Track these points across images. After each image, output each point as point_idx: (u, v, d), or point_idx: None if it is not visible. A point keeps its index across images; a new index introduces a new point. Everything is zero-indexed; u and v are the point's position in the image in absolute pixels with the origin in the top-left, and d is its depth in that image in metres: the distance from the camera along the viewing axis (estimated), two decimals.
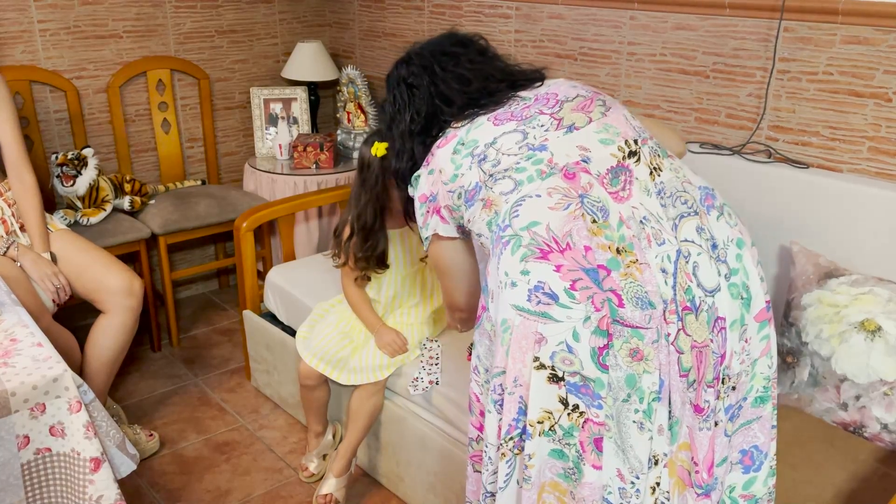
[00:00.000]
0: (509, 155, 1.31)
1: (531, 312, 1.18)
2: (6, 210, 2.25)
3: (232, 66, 3.31)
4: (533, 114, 1.36)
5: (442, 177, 1.37)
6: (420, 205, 1.42)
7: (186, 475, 2.30)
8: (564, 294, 1.16)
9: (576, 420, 1.18)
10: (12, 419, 1.33)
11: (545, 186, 1.26)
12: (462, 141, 1.36)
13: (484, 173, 1.32)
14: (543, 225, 1.22)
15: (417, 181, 1.42)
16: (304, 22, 3.48)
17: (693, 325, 1.23)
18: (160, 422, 2.55)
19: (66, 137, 2.94)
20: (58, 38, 2.86)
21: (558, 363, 1.17)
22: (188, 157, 3.28)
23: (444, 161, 1.36)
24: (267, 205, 2.70)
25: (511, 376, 1.21)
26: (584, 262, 1.18)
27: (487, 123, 1.37)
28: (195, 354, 2.97)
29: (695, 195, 1.33)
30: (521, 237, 1.22)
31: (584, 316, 1.16)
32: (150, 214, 2.87)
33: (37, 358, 1.40)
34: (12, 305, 1.61)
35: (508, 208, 1.26)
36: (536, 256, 1.20)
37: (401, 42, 3.23)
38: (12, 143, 2.24)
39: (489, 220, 1.30)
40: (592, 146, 1.31)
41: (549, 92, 1.41)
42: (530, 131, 1.34)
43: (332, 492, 2.09)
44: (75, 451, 1.39)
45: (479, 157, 1.33)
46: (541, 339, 1.17)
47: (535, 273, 1.19)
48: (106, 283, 2.25)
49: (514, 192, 1.27)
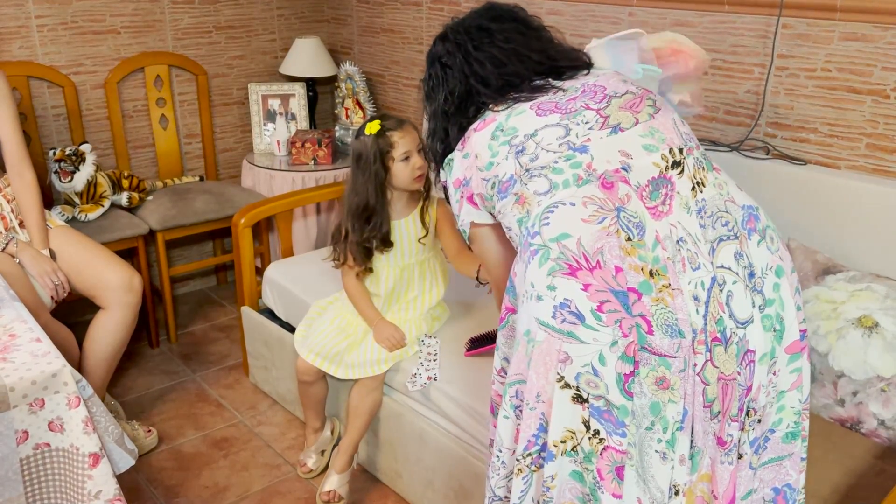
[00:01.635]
0: (548, 151, 1.24)
1: (556, 330, 1.13)
2: (5, 206, 2.24)
3: (230, 62, 3.31)
4: (578, 107, 1.29)
5: (477, 162, 1.31)
6: (454, 190, 1.36)
7: (184, 471, 2.30)
8: (591, 315, 1.11)
9: (595, 446, 1.14)
10: (11, 414, 1.33)
11: (581, 195, 1.19)
12: (501, 127, 1.29)
13: (520, 166, 1.25)
14: (574, 238, 1.15)
15: (451, 165, 1.36)
16: (302, 18, 3.47)
17: (721, 358, 1.17)
18: (158, 418, 2.55)
19: (64, 133, 2.93)
20: (55, 33, 2.85)
21: (583, 384, 1.12)
22: (186, 153, 3.27)
23: (480, 146, 1.30)
24: (265, 201, 2.70)
25: (533, 391, 1.16)
26: (614, 284, 1.12)
27: (529, 112, 1.30)
28: (193, 351, 2.97)
29: (737, 216, 1.25)
30: (550, 249, 1.16)
31: (612, 340, 1.11)
32: (147, 210, 2.87)
33: (35, 353, 1.40)
34: (11, 301, 1.61)
35: (540, 212, 1.20)
36: (564, 272, 1.14)
37: (399, 38, 3.23)
38: (12, 139, 2.23)
39: (520, 218, 1.24)
40: (635, 152, 1.24)
41: (598, 84, 1.33)
42: (573, 128, 1.26)
43: (335, 488, 2.10)
44: (74, 447, 1.39)
45: (518, 147, 1.27)
46: (566, 359, 1.12)
47: (561, 289, 1.13)
48: (105, 280, 2.25)
49: (548, 196, 1.21)
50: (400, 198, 2.04)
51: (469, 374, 1.97)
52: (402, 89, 3.31)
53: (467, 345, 2.06)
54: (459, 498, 1.95)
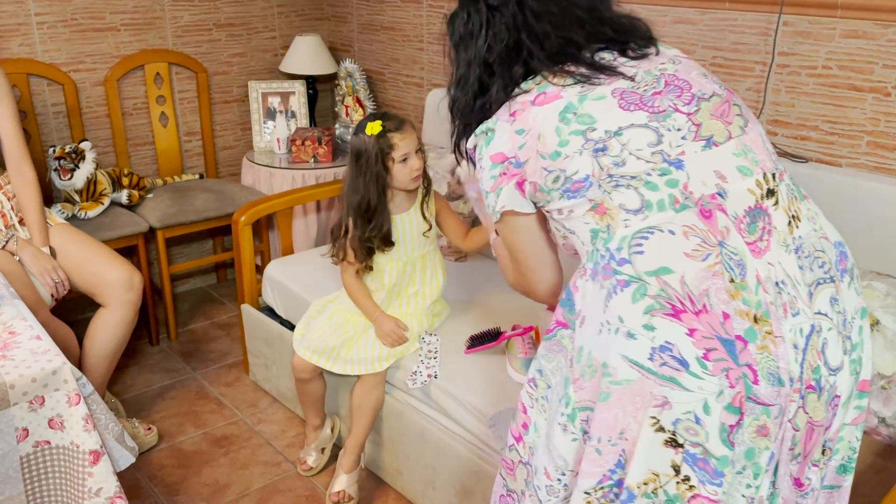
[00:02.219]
0: (639, 159, 1.09)
1: (653, 373, 1.03)
2: (5, 204, 2.24)
3: (230, 59, 3.30)
4: (667, 107, 1.12)
5: (539, 145, 1.13)
6: (491, 165, 1.17)
7: (185, 469, 2.30)
8: (696, 363, 1.01)
9: (683, 492, 1.05)
10: (11, 412, 1.33)
11: (679, 222, 1.06)
12: (573, 109, 1.11)
13: (601, 168, 1.09)
14: (677, 276, 1.04)
15: (491, 135, 1.17)
16: (302, 15, 3.47)
17: (813, 405, 1.11)
18: (158, 416, 2.55)
19: (64, 131, 2.93)
20: (55, 30, 2.85)
21: (681, 431, 1.03)
22: (186, 151, 3.27)
23: (545, 126, 1.12)
24: (265, 199, 2.70)
25: (616, 427, 1.07)
26: (721, 331, 1.02)
27: (611, 100, 1.12)
28: (193, 348, 2.97)
29: (831, 256, 1.14)
30: (648, 285, 1.04)
31: (718, 390, 1.01)
32: (147, 208, 2.86)
33: (36, 351, 1.40)
34: (11, 299, 1.61)
35: (629, 236, 1.07)
36: (666, 313, 1.03)
37: (399, 36, 3.22)
38: (12, 136, 2.23)
39: (595, 230, 1.11)
40: (730, 175, 1.10)
41: (679, 77, 1.16)
42: (665, 134, 1.10)
43: (344, 488, 2.10)
44: (74, 444, 1.39)
45: (598, 144, 1.10)
46: (664, 403, 1.03)
47: (662, 331, 1.02)
48: (106, 277, 2.24)
49: (639, 216, 1.07)
50: (399, 193, 2.04)
51: (469, 372, 1.97)
52: (402, 87, 3.30)
53: (467, 342, 2.06)
54: (460, 496, 1.95)
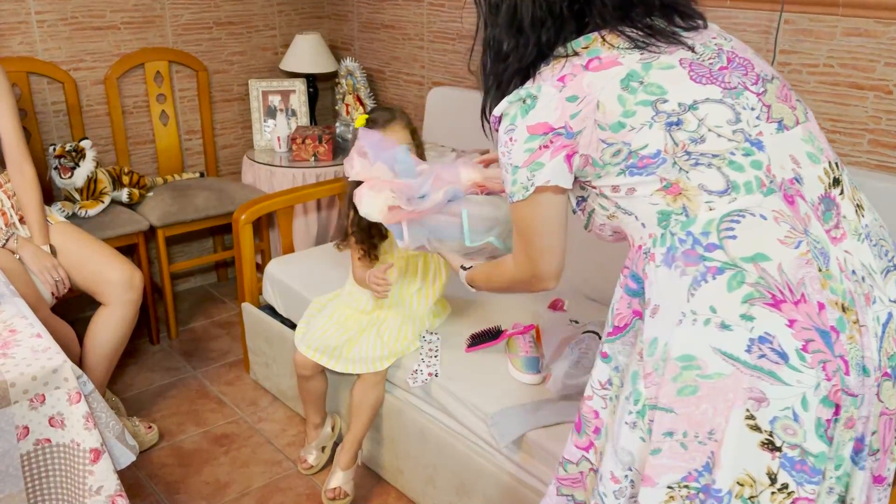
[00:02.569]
0: (720, 136, 1.02)
1: (750, 366, 0.97)
2: (6, 202, 2.24)
3: (230, 58, 3.30)
4: (737, 84, 1.06)
5: (598, 115, 1.03)
6: (528, 136, 1.07)
7: (185, 467, 2.30)
8: (796, 355, 0.97)
9: (781, 501, 1.01)
10: (12, 410, 1.33)
11: (769, 206, 1.01)
12: (637, 77, 1.03)
13: (675, 144, 1.02)
14: (774, 263, 0.99)
15: (532, 102, 1.06)
16: (302, 14, 3.47)
17: (888, 393, 1.08)
18: (159, 414, 2.55)
19: (64, 129, 2.93)
20: (55, 29, 2.84)
21: (779, 430, 0.98)
22: (186, 150, 3.27)
23: (605, 93, 1.03)
24: (265, 197, 2.70)
25: (704, 426, 1.01)
26: (819, 322, 0.99)
27: (680, 71, 1.04)
28: (194, 347, 2.97)
29: (891, 243, 1.12)
30: (745, 271, 0.98)
31: (815, 383, 0.98)
32: (148, 207, 2.86)
33: (36, 349, 1.40)
34: (11, 297, 1.61)
35: (717, 219, 1.01)
36: (766, 302, 0.98)
37: (400, 34, 3.22)
38: (12, 134, 2.23)
39: (665, 212, 1.04)
40: (802, 161, 1.05)
41: (737, 55, 1.10)
42: (742, 112, 1.04)
43: (340, 485, 2.10)
44: (75, 442, 1.38)
45: (671, 116, 1.02)
46: (762, 399, 0.97)
47: (762, 321, 0.97)
48: (106, 276, 2.24)
49: (725, 198, 1.01)
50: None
51: (470, 371, 1.97)
52: (402, 85, 3.30)
53: (468, 341, 2.05)
54: (460, 494, 1.95)
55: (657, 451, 1.04)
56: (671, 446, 1.03)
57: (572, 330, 2.01)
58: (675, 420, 1.02)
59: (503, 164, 1.12)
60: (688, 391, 1.01)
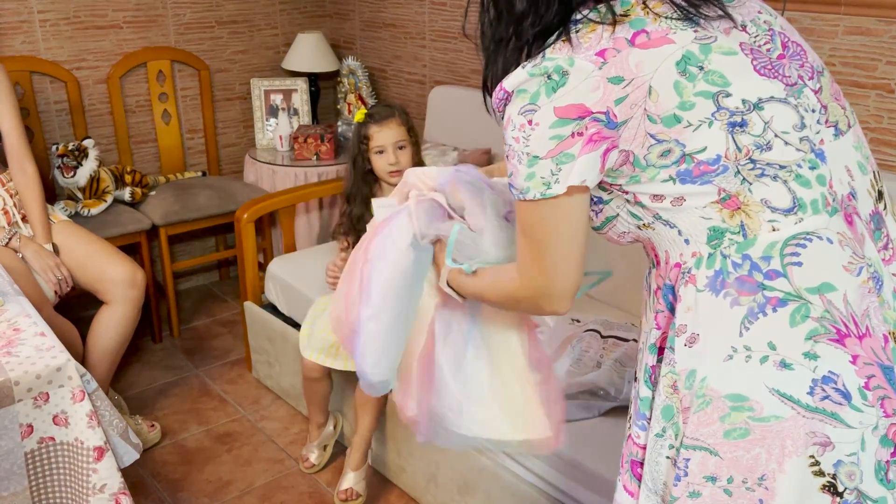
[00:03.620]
0: (787, 144, 0.88)
1: (812, 409, 0.87)
2: (8, 201, 2.25)
3: (232, 56, 3.30)
4: (796, 80, 0.91)
5: (650, 104, 0.86)
6: (557, 121, 0.86)
7: (188, 465, 2.31)
8: (858, 394, 0.87)
9: None
10: (16, 408, 1.33)
11: (834, 228, 0.89)
12: (697, 61, 0.86)
13: (738, 149, 0.87)
14: (840, 293, 0.87)
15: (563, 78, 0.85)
16: (304, 13, 3.47)
17: None
18: (161, 413, 2.55)
19: (67, 128, 2.93)
20: (58, 28, 2.85)
21: (843, 476, 0.88)
22: (188, 149, 3.27)
23: (658, 77, 0.85)
24: (268, 196, 2.70)
25: (756, 471, 0.89)
26: (883, 357, 0.88)
27: (743, 59, 0.88)
28: (196, 346, 2.97)
29: None
30: (811, 304, 0.87)
31: (874, 423, 0.88)
32: (150, 206, 2.87)
33: (40, 347, 1.40)
34: (15, 295, 1.61)
35: (780, 241, 0.88)
36: (831, 338, 0.87)
37: (401, 33, 3.22)
38: (14, 133, 2.24)
39: (720, 229, 0.90)
40: (854, 171, 0.94)
41: (793, 41, 0.95)
42: (805, 116, 0.90)
43: (351, 486, 2.10)
44: (79, 441, 1.39)
45: (734, 115, 0.86)
46: (826, 444, 0.87)
47: (826, 360, 0.86)
48: (109, 274, 2.25)
49: (792, 217, 0.88)
50: (386, 186, 2.04)
51: None
52: (404, 84, 3.30)
53: None
54: (462, 492, 1.95)
55: (696, 494, 0.93)
56: (713, 493, 0.92)
57: (573, 329, 2.01)
58: (719, 464, 0.90)
59: (513, 153, 0.91)
60: (737, 434, 0.89)
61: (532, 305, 1.04)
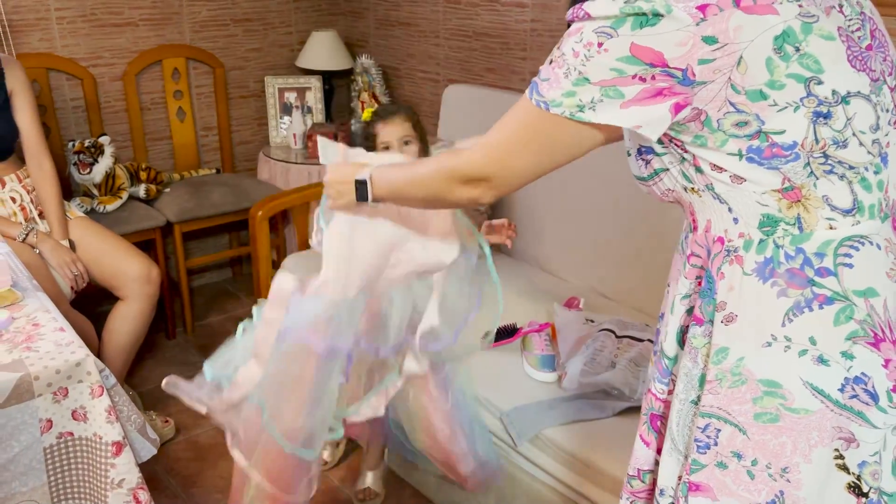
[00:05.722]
0: (861, 145, 0.86)
1: (841, 406, 0.90)
2: (25, 197, 2.26)
3: (246, 54, 3.31)
4: (879, 75, 0.87)
5: (736, 74, 0.81)
6: (627, 57, 0.82)
7: (201, 461, 2.32)
8: (885, 396, 0.90)
9: None
10: (35, 403, 1.34)
11: (884, 235, 0.90)
12: (795, 41, 0.81)
13: (816, 141, 0.84)
14: (881, 299, 0.89)
15: (655, 20, 0.80)
16: (318, 11, 3.48)
17: None
18: (175, 408, 2.56)
19: (83, 125, 2.95)
20: (74, 25, 2.86)
21: (867, 476, 0.92)
22: (203, 146, 3.29)
23: (752, 50, 0.80)
24: (282, 194, 2.71)
25: (780, 459, 0.92)
26: None
27: (839, 46, 0.83)
28: (209, 342, 2.97)
29: None
30: (856, 307, 0.88)
31: (894, 424, 0.91)
32: (165, 202, 2.88)
33: (59, 343, 1.41)
34: (34, 291, 1.62)
35: (836, 241, 0.88)
36: (868, 341, 0.89)
37: (415, 31, 3.22)
38: (31, 130, 2.26)
39: (774, 218, 0.89)
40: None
41: (881, 30, 0.91)
42: (881, 116, 0.87)
43: (369, 485, 2.11)
44: (97, 436, 1.40)
45: (821, 105, 0.83)
46: (851, 440, 0.91)
47: (861, 361, 0.89)
48: (124, 271, 2.26)
49: (849, 219, 0.88)
50: None
51: (485, 368, 1.97)
52: (418, 83, 3.30)
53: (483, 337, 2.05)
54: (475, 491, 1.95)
55: (724, 465, 0.96)
56: (737, 470, 0.95)
57: (588, 329, 2.01)
58: (746, 444, 0.94)
59: (563, 63, 0.86)
60: (767, 418, 0.92)
61: (461, 182, 1.02)
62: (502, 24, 2.82)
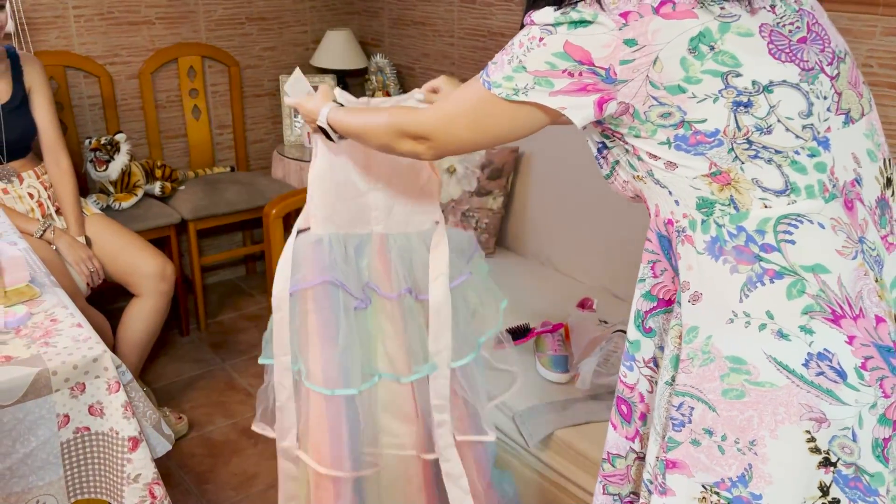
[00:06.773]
0: (788, 130, 0.91)
1: (808, 382, 0.93)
2: (43, 193, 2.28)
3: (261, 53, 3.32)
4: (813, 64, 0.93)
5: (654, 73, 0.90)
6: (560, 53, 0.92)
7: (214, 458, 2.33)
8: (854, 373, 0.93)
9: None
10: (53, 398, 1.35)
11: (828, 214, 0.93)
12: (710, 41, 0.89)
13: (738, 128, 0.91)
14: (834, 276, 0.93)
15: (584, 26, 0.90)
16: (333, 10, 3.48)
17: None
18: (188, 405, 2.58)
19: (99, 123, 2.97)
20: (91, 23, 2.88)
21: (836, 449, 0.94)
22: (217, 144, 3.30)
23: (667, 50, 0.89)
24: (295, 192, 2.72)
25: (747, 433, 0.96)
26: (877, 338, 0.94)
27: (759, 41, 0.90)
28: (223, 339, 3.00)
29: None
30: (806, 281, 0.92)
31: (872, 402, 0.93)
32: (179, 200, 2.90)
33: (77, 338, 1.42)
34: (52, 287, 1.63)
35: (773, 219, 0.93)
36: (826, 317, 0.92)
37: (430, 31, 3.23)
38: (49, 127, 2.27)
39: (709, 200, 0.95)
40: (863, 158, 0.98)
41: (821, 24, 0.97)
42: (815, 103, 0.92)
43: None
44: (114, 431, 1.41)
45: (741, 95, 0.90)
46: (822, 420, 0.93)
47: (821, 337, 0.92)
48: (139, 268, 2.28)
49: (782, 199, 0.92)
50: None
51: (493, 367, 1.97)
52: None
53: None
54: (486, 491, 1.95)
55: (697, 443, 1.00)
56: (709, 446, 0.99)
57: (601, 330, 2.01)
58: (715, 420, 0.98)
59: (509, 51, 0.98)
60: (733, 394, 0.96)
61: (407, 136, 1.15)
62: (517, 23, 2.80)
